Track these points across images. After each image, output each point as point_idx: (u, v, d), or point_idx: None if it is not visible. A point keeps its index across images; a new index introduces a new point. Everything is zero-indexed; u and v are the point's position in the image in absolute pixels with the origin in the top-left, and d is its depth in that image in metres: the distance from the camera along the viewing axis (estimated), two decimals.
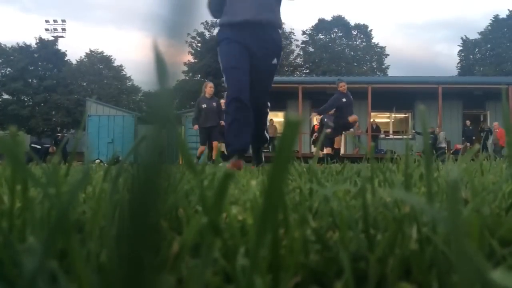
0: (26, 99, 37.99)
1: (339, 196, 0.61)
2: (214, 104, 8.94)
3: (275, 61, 3.72)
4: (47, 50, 38.95)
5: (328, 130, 9.09)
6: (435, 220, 0.31)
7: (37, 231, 0.45)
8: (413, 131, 17.90)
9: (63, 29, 47.15)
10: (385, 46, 43.15)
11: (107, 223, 0.45)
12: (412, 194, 0.60)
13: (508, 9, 39.92)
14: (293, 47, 42.66)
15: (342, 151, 10.39)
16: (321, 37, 43.06)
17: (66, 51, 41.57)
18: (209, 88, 9.04)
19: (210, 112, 8.86)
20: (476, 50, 41.47)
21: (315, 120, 13.47)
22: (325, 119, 10.19)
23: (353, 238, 0.45)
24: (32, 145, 18.18)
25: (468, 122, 18.01)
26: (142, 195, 0.23)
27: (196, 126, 9.00)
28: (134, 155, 0.65)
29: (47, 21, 47.03)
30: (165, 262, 0.40)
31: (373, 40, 42.74)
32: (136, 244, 0.24)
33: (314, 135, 14.11)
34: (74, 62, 41.93)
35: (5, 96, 37.64)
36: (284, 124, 0.23)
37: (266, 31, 3.62)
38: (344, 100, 9.05)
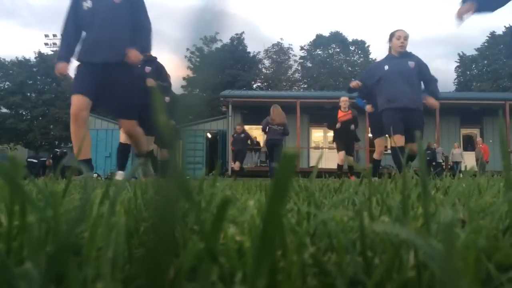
0: (24, 113, 38.04)
1: (337, 220, 0.61)
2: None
3: None
4: (46, 64, 39.09)
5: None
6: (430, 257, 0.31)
7: (35, 254, 0.45)
8: None
9: None
10: None
11: (104, 245, 0.44)
12: (408, 227, 0.60)
13: (505, 26, 40.28)
14: (292, 62, 43.04)
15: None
16: (319, 52, 43.44)
17: None
18: None
19: None
20: (473, 66, 41.84)
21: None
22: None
23: (350, 262, 0.45)
24: (29, 159, 18.18)
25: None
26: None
27: None
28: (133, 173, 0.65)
29: (46, 36, 47.28)
30: (162, 286, 0.39)
31: (370, 56, 43.08)
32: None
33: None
34: (73, 76, 42.05)
35: (4, 110, 37.66)
36: (281, 157, 0.23)
37: None
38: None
